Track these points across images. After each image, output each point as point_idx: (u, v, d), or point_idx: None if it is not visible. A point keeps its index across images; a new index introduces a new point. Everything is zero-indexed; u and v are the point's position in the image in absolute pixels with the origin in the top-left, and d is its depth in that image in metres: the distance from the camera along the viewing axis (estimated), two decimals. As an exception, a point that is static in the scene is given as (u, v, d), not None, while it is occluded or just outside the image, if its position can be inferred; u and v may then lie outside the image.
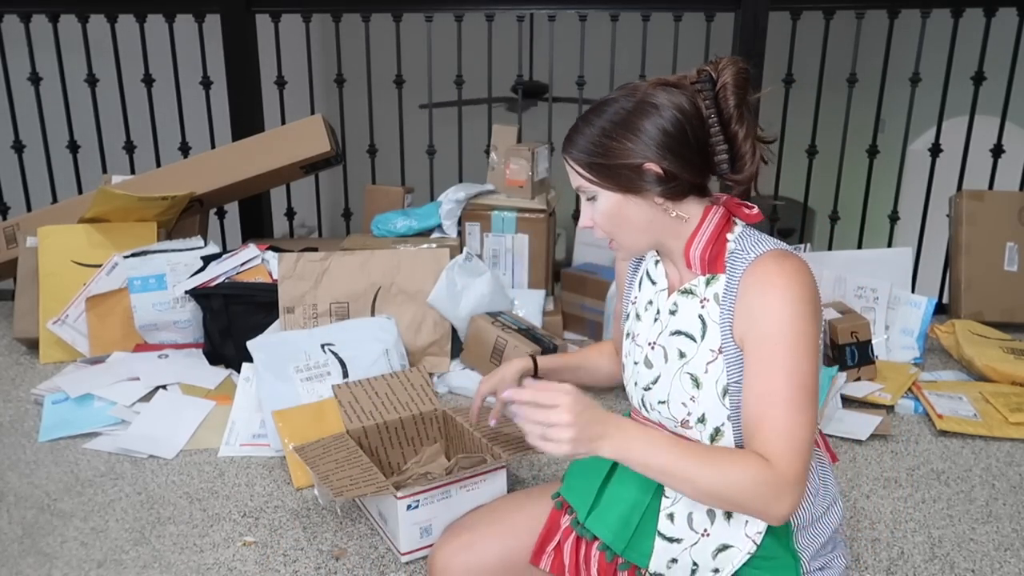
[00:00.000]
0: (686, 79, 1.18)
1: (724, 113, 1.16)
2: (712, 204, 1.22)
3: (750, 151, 1.17)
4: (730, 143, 1.17)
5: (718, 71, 1.17)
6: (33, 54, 2.97)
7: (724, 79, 1.16)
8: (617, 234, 1.21)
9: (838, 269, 2.53)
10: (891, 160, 3.20)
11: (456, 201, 2.59)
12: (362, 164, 3.19)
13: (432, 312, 2.37)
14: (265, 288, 2.35)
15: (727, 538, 1.19)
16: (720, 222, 1.20)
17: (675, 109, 1.14)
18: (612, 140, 1.14)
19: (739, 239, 1.18)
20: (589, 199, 1.20)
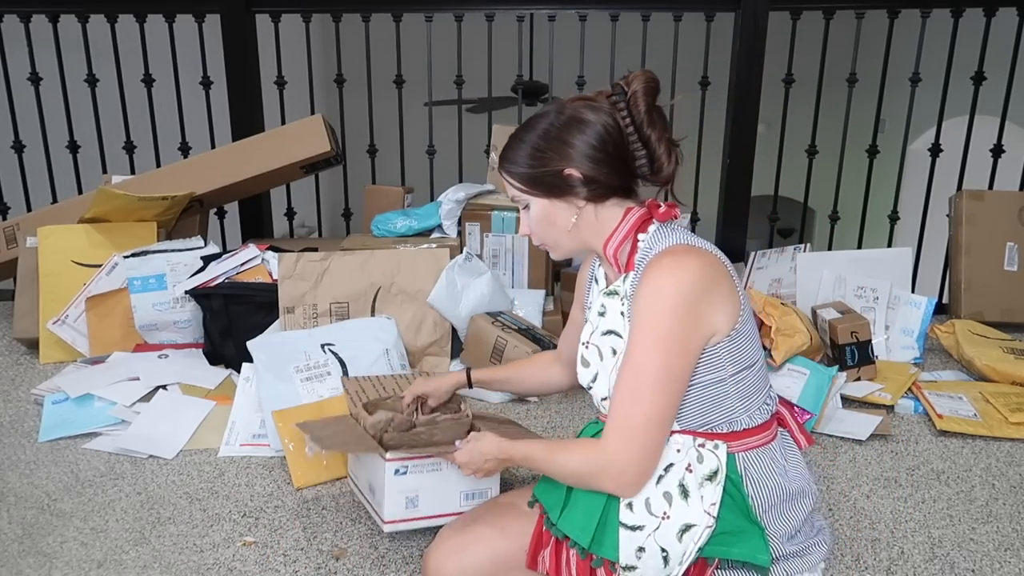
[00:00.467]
0: (603, 94, 1.30)
1: (636, 119, 1.27)
2: (633, 206, 1.32)
3: (665, 152, 1.28)
4: (646, 147, 1.28)
5: (628, 83, 1.28)
6: (33, 54, 2.97)
7: (634, 88, 1.27)
8: (547, 237, 1.35)
9: (838, 269, 2.53)
10: (891, 160, 3.21)
11: (456, 201, 2.59)
12: (362, 164, 3.19)
13: (432, 312, 2.37)
14: (265, 288, 2.35)
15: (687, 517, 1.23)
16: (636, 222, 1.31)
17: (597, 122, 1.27)
18: (540, 152, 1.28)
19: (650, 238, 1.29)
20: (524, 208, 1.34)
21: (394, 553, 1.58)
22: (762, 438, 1.30)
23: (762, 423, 1.30)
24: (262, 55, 2.99)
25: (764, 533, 1.25)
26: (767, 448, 1.30)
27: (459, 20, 2.95)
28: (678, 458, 1.25)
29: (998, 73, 2.87)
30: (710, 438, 1.27)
